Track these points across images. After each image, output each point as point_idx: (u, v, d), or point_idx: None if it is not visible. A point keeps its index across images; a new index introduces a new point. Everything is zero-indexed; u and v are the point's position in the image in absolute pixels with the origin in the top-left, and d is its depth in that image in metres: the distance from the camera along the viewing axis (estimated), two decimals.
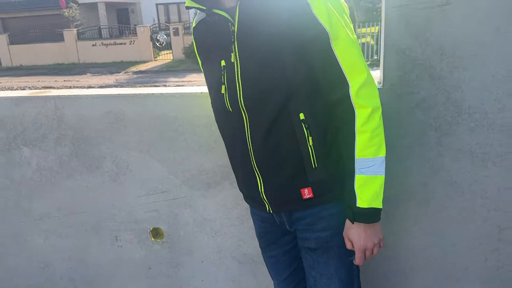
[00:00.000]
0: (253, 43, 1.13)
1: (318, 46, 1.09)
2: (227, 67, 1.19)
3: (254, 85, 1.15)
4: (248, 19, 1.14)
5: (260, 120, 1.16)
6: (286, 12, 1.09)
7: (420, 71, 1.35)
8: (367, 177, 1.12)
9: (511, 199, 1.41)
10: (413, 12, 1.31)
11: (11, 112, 1.72)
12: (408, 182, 1.47)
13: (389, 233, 1.54)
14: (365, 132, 1.10)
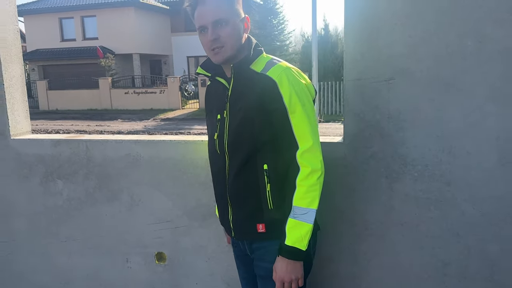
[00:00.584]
0: (237, 106, 1.49)
1: (279, 116, 1.41)
2: (221, 120, 1.55)
3: (235, 136, 1.49)
4: (237, 88, 1.50)
5: (235, 163, 1.49)
6: (261, 87, 1.44)
7: (372, 131, 1.69)
8: (297, 222, 1.40)
9: (451, 239, 1.68)
10: (366, 84, 1.67)
11: (51, 151, 2.13)
12: (368, 219, 1.76)
13: (354, 264, 1.82)
14: (303, 186, 1.40)
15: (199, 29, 1.48)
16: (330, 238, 1.81)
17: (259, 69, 1.48)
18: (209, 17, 1.44)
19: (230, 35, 1.45)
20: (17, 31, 2.26)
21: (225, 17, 1.44)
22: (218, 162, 1.57)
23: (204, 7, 1.45)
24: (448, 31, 1.55)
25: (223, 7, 1.45)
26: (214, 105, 1.61)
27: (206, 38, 1.47)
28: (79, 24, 27.31)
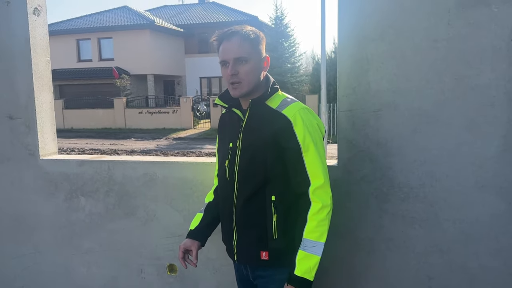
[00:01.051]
0: (251, 138, 1.60)
1: (293, 154, 1.53)
2: (233, 148, 1.66)
3: (246, 166, 1.60)
4: (252, 121, 1.62)
5: (244, 191, 1.60)
6: (276, 124, 1.55)
7: (362, 156, 1.89)
8: (307, 254, 1.51)
9: (435, 254, 1.86)
10: (357, 115, 1.88)
11: (76, 170, 2.37)
12: (359, 236, 1.95)
13: (347, 277, 2.00)
14: (314, 220, 1.51)
15: (221, 63, 1.61)
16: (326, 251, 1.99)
17: (274, 105, 1.60)
18: (231, 54, 1.56)
19: (249, 72, 1.57)
20: (48, 63, 2.53)
21: (246, 55, 1.56)
22: (227, 188, 1.68)
23: (228, 43, 1.57)
24: (427, 70, 1.76)
25: (246, 46, 1.57)
26: (227, 133, 1.72)
27: (226, 72, 1.59)
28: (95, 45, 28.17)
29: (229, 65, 1.57)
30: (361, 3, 1.81)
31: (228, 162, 1.67)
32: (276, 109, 1.59)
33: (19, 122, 2.42)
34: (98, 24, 28.13)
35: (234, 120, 1.69)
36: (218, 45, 1.62)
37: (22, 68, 2.38)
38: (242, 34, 1.59)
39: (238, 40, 1.57)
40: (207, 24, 30.59)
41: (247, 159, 1.60)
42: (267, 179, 1.58)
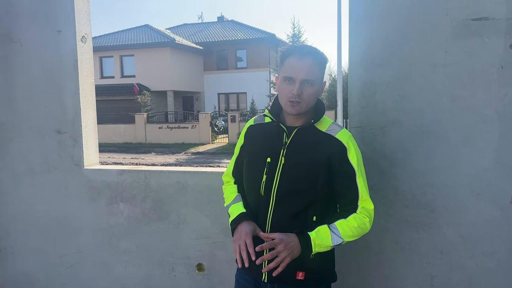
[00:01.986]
0: (298, 157, 1.60)
1: (346, 178, 1.60)
2: (271, 163, 1.62)
3: (289, 184, 1.59)
4: (299, 140, 1.63)
5: (282, 210, 1.59)
6: (330, 148, 1.59)
7: (371, 167, 2.13)
8: (328, 235, 1.55)
9: (436, 256, 2.07)
10: (365, 131, 2.13)
11: (116, 179, 2.67)
12: (368, 239, 2.17)
13: (356, 276, 2.22)
14: (357, 221, 1.59)
15: (285, 78, 1.58)
16: (338, 252, 2.23)
17: (323, 128, 1.64)
18: (302, 74, 1.54)
19: (311, 95, 1.58)
20: (93, 84, 2.86)
21: (314, 79, 1.57)
22: (259, 204, 1.65)
23: (300, 61, 1.55)
24: (428, 92, 2.01)
25: (316, 69, 1.57)
26: (263, 147, 1.68)
27: (288, 89, 1.57)
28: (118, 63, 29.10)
29: (296, 84, 1.55)
30: (368, 32, 2.08)
31: (265, 178, 1.64)
32: (327, 133, 1.63)
33: (67, 136, 2.75)
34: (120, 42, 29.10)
35: (273, 135, 1.68)
36: (286, 57, 1.60)
37: (70, 88, 2.72)
38: (316, 55, 1.58)
39: (311, 61, 1.56)
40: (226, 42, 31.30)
41: (293, 178, 1.59)
42: (311, 200, 1.59)
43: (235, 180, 1.89)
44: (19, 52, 2.77)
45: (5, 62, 2.81)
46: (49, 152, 2.78)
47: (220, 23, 36.29)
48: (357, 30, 2.11)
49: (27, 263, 2.93)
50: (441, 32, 1.96)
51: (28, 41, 2.75)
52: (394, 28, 2.03)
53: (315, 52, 1.59)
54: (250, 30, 33.01)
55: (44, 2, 2.68)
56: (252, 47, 30.86)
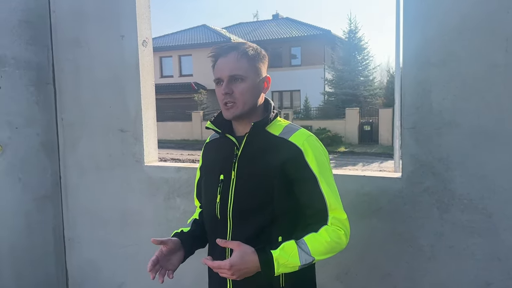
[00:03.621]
0: (250, 168, 1.42)
1: (306, 185, 1.39)
2: (224, 181, 1.45)
3: (245, 201, 1.40)
4: (250, 148, 1.45)
5: (242, 232, 1.38)
6: (284, 153, 1.40)
7: (425, 169, 2.09)
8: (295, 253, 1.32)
9: (493, 262, 1.99)
10: (420, 132, 2.09)
11: (174, 175, 2.81)
12: (421, 243, 2.13)
13: (409, 279, 2.19)
14: (329, 235, 1.37)
15: (216, 81, 1.46)
16: (390, 256, 2.20)
17: (276, 132, 1.46)
18: (226, 71, 1.41)
19: (244, 92, 1.41)
20: (153, 85, 3.03)
21: (243, 73, 1.41)
22: (217, 229, 1.48)
23: (224, 59, 1.43)
24: (486, 92, 1.93)
25: (243, 63, 1.42)
26: (216, 164, 1.53)
27: (220, 91, 1.43)
28: (176, 62, 30.13)
29: (223, 83, 1.42)
30: (423, 31, 2.03)
31: (219, 198, 1.47)
32: (280, 136, 1.45)
33: (129, 134, 2.93)
34: (179, 42, 30.11)
35: (225, 148, 1.51)
36: (214, 61, 1.47)
37: (132, 90, 2.89)
38: (239, 50, 1.44)
39: (234, 56, 1.42)
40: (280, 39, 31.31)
41: (247, 193, 1.42)
42: (273, 216, 1.39)
43: (200, 205, 1.76)
44: (86, 56, 2.99)
45: (74, 65, 3.04)
46: (113, 150, 2.98)
47: (275, 21, 36.36)
48: (412, 29, 2.07)
49: (92, 252, 3.16)
50: (502, 30, 1.88)
51: (94, 46, 2.96)
52: (450, 27, 1.97)
53: (239, 46, 1.45)
54: (305, 27, 32.79)
55: (109, 9, 2.87)
56: (307, 44, 30.63)
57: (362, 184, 2.19)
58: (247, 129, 1.47)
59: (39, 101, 3.02)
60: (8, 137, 2.85)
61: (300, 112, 25.72)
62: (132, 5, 2.78)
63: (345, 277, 2.29)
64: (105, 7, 2.88)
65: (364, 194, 2.19)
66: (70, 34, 3.01)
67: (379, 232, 2.19)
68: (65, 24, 3.02)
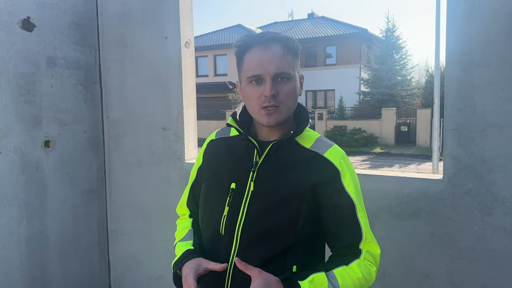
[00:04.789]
0: (271, 182, 1.19)
1: (341, 212, 1.19)
2: (237, 191, 1.21)
3: (258, 221, 1.16)
4: (274, 159, 1.22)
5: (250, 257, 1.13)
6: (317, 171, 1.17)
7: (467, 171, 2.06)
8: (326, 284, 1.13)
9: None
10: (462, 133, 2.06)
11: None
12: (461, 246, 2.11)
13: (445, 282, 2.16)
14: (358, 271, 1.19)
15: (251, 78, 1.19)
16: (429, 258, 2.19)
17: (307, 144, 1.26)
18: (271, 67, 1.16)
19: (290, 95, 1.20)
20: (194, 85, 3.12)
21: (289, 71, 1.19)
22: (218, 248, 1.24)
23: (265, 52, 1.17)
24: None
25: (289, 59, 1.20)
26: (226, 168, 1.28)
27: (258, 92, 1.18)
28: (211, 62, 30.54)
29: (266, 83, 1.17)
30: (467, 32, 2.01)
31: (227, 210, 1.22)
32: (313, 150, 1.25)
33: (171, 132, 3.03)
34: (214, 42, 30.51)
35: (240, 152, 1.28)
36: (244, 52, 1.22)
37: (174, 89, 2.99)
38: (285, 42, 1.20)
39: (280, 50, 1.18)
40: (315, 39, 31.11)
41: (265, 211, 1.18)
42: (294, 242, 1.18)
43: (190, 213, 1.51)
44: (131, 56, 3.12)
45: (120, 65, 3.18)
46: (155, 147, 3.09)
47: (310, 20, 36.14)
48: (455, 29, 2.04)
49: (133, 245, 3.29)
50: None
51: (139, 47, 3.08)
52: (496, 28, 1.93)
53: (282, 38, 1.21)
54: (340, 25, 32.42)
55: (154, 11, 2.98)
56: (342, 43, 30.28)
57: (402, 185, 2.19)
58: (273, 135, 1.26)
59: (87, 100, 3.17)
60: (57, 133, 3.01)
61: (335, 112, 25.45)
62: (175, 7, 2.87)
63: (382, 277, 2.29)
64: (150, 9, 2.99)
65: (404, 196, 2.18)
66: (116, 35, 3.14)
67: (418, 234, 2.18)
68: (112, 26, 3.16)
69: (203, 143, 1.48)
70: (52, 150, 2.99)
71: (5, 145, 2.68)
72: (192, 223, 1.46)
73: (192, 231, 1.42)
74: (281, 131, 1.27)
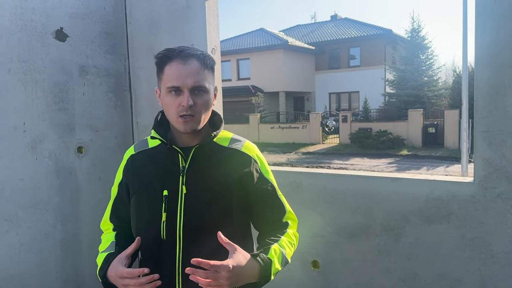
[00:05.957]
0: (202, 182, 1.33)
1: (266, 196, 1.42)
2: (170, 197, 1.31)
3: (197, 219, 1.29)
4: (199, 161, 1.35)
5: (195, 254, 1.19)
6: (239, 164, 1.38)
7: (499, 174, 2.02)
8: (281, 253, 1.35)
9: None
10: (493, 135, 2.03)
11: None
12: (493, 250, 2.06)
13: (478, 287, 2.12)
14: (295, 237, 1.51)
15: (170, 89, 1.30)
16: (460, 262, 2.15)
17: (224, 143, 1.43)
18: (189, 81, 1.28)
19: (205, 105, 1.33)
20: (220, 91, 3.16)
21: (205, 85, 1.32)
22: (161, 252, 1.32)
23: (184, 66, 1.29)
24: None
25: (205, 74, 1.33)
26: (155, 178, 1.37)
27: (177, 101, 1.30)
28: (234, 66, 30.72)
29: (184, 94, 1.29)
30: (497, 32, 1.98)
31: (165, 216, 1.31)
32: (232, 147, 1.43)
33: None
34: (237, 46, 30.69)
35: (164, 161, 1.39)
36: (164, 64, 1.33)
37: None
38: (202, 58, 1.34)
39: (197, 65, 1.31)
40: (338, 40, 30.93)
41: (201, 209, 1.32)
42: (231, 233, 1.29)
43: (114, 227, 1.53)
44: None
45: (148, 72, 3.26)
46: None
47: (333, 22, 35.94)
48: (485, 30, 2.02)
49: None
50: None
51: None
52: None
53: (199, 54, 1.34)
54: (364, 26, 32.11)
55: (180, 19, 3.05)
56: (367, 44, 29.98)
57: (432, 188, 2.16)
58: (193, 141, 1.39)
59: (117, 106, 3.26)
60: (90, 139, 3.11)
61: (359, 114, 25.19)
62: (202, 15, 2.93)
63: (412, 281, 2.27)
64: (177, 17, 3.06)
65: (434, 199, 2.16)
66: (145, 43, 3.23)
67: (448, 238, 2.15)
68: (140, 34, 3.24)
69: (123, 161, 1.55)
70: (85, 155, 3.09)
71: (40, 151, 2.79)
72: (115, 236, 1.50)
73: (114, 243, 1.46)
74: (200, 136, 1.41)
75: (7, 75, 2.60)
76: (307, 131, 23.19)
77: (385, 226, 2.34)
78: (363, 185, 2.40)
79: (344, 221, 2.51)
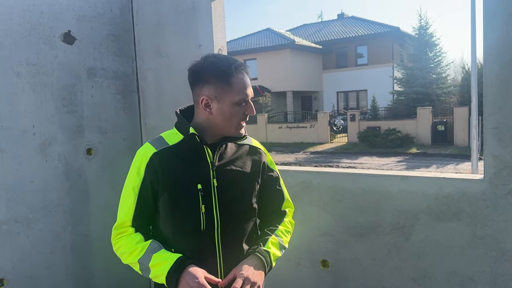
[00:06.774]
0: (230, 175, 1.48)
1: (276, 182, 1.65)
2: (204, 189, 1.42)
3: (230, 209, 1.46)
4: (225, 156, 1.51)
5: (232, 241, 1.46)
6: (257, 158, 1.59)
7: (509, 170, 2.00)
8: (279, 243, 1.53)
9: None
10: (503, 132, 2.01)
11: None
12: (505, 247, 2.04)
13: (489, 285, 2.11)
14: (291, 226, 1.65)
15: (241, 101, 1.43)
16: (471, 260, 2.13)
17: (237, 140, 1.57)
18: (251, 91, 1.48)
19: None
20: None
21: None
22: (201, 243, 1.44)
23: (247, 79, 1.47)
24: None
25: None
26: (186, 173, 1.44)
27: (242, 111, 1.46)
28: None
29: (249, 103, 1.49)
30: (506, 28, 1.95)
31: (204, 208, 1.42)
32: (245, 143, 1.60)
33: None
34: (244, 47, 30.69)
35: (191, 157, 1.47)
36: (230, 76, 1.41)
37: None
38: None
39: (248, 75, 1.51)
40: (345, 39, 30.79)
41: (233, 199, 1.48)
42: (255, 218, 1.58)
43: (135, 229, 1.48)
44: (167, 65, 3.21)
45: (155, 74, 3.27)
46: None
47: (340, 20, 35.81)
48: (493, 26, 2.00)
49: None
50: None
51: (174, 55, 3.17)
52: None
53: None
54: (371, 25, 31.94)
55: (187, 20, 3.06)
56: (374, 42, 29.82)
57: (441, 186, 2.15)
58: (217, 139, 1.50)
59: (125, 108, 3.28)
60: (98, 141, 3.14)
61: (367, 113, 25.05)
62: (208, 16, 2.94)
63: (422, 280, 2.25)
64: (184, 18, 3.07)
65: (443, 197, 2.14)
66: (152, 45, 3.24)
67: (459, 236, 2.13)
68: (147, 36, 3.26)
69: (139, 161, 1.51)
70: (94, 157, 3.11)
71: (50, 154, 2.81)
72: (145, 237, 1.46)
73: (155, 242, 1.44)
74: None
75: (16, 79, 2.62)
76: (315, 131, 23.13)
77: (394, 225, 2.33)
78: (372, 183, 2.39)
79: (354, 220, 2.50)
